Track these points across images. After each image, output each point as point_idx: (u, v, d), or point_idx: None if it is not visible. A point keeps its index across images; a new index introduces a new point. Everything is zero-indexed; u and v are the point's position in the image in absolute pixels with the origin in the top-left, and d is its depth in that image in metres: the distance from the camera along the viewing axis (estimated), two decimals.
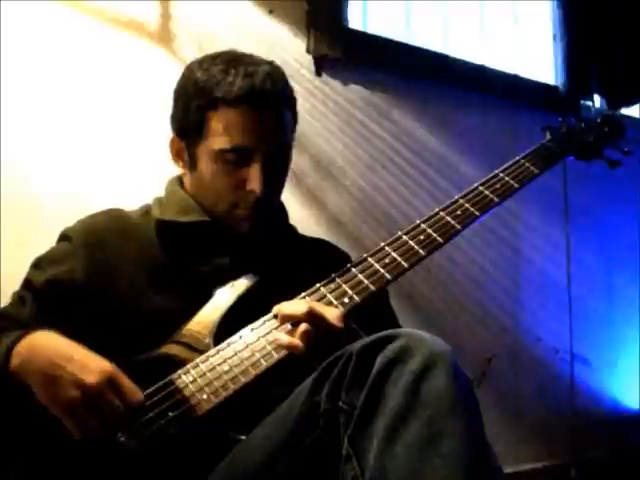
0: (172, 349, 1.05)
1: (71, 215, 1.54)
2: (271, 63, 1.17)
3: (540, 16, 2.70)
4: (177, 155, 1.20)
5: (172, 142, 1.20)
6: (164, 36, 1.76)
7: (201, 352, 1.03)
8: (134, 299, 1.10)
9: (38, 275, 1.15)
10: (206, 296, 1.10)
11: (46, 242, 1.22)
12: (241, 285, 1.11)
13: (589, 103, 2.65)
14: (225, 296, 1.10)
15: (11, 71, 1.55)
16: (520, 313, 2.43)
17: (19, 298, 1.15)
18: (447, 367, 0.80)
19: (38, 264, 1.17)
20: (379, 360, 0.83)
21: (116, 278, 1.12)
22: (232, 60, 1.14)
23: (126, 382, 0.94)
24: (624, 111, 2.76)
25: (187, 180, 1.22)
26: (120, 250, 1.14)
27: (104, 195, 1.63)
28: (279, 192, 1.21)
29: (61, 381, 0.92)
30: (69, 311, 1.03)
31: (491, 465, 0.80)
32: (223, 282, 1.11)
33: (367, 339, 0.87)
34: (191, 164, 1.17)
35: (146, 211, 1.23)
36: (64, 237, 1.19)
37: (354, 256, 1.39)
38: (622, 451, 2.57)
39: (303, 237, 1.32)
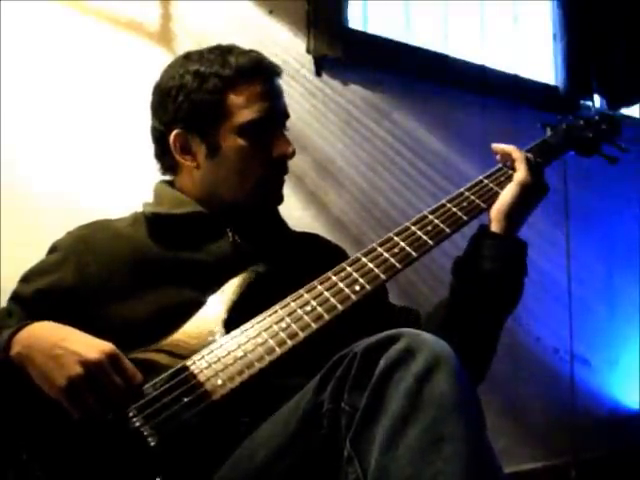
0: (149, 355, 1.02)
1: (71, 215, 1.55)
2: None
3: (540, 16, 2.70)
4: (183, 150, 1.18)
5: (175, 139, 1.17)
6: (164, 36, 1.75)
7: (183, 358, 1.00)
8: (128, 303, 1.09)
9: (26, 287, 1.14)
10: (214, 285, 1.09)
11: (46, 242, 1.22)
12: (236, 287, 1.09)
13: (589, 103, 2.66)
14: (220, 299, 1.08)
15: (11, 71, 1.54)
16: (520, 313, 2.42)
17: (6, 311, 1.14)
18: (449, 369, 0.81)
19: (26, 278, 1.16)
20: (382, 362, 0.83)
21: (108, 284, 1.11)
22: (218, 48, 1.19)
23: (127, 363, 0.95)
24: (624, 111, 2.76)
25: (191, 177, 1.20)
26: (110, 257, 1.13)
27: (104, 195, 1.62)
28: None
29: (63, 359, 0.92)
30: (59, 320, 1.01)
31: (493, 468, 0.80)
32: (227, 270, 1.10)
33: (371, 339, 0.87)
34: (211, 151, 1.17)
35: (134, 218, 1.22)
36: (53, 249, 1.19)
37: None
38: (622, 451, 2.57)
39: (294, 231, 1.33)
